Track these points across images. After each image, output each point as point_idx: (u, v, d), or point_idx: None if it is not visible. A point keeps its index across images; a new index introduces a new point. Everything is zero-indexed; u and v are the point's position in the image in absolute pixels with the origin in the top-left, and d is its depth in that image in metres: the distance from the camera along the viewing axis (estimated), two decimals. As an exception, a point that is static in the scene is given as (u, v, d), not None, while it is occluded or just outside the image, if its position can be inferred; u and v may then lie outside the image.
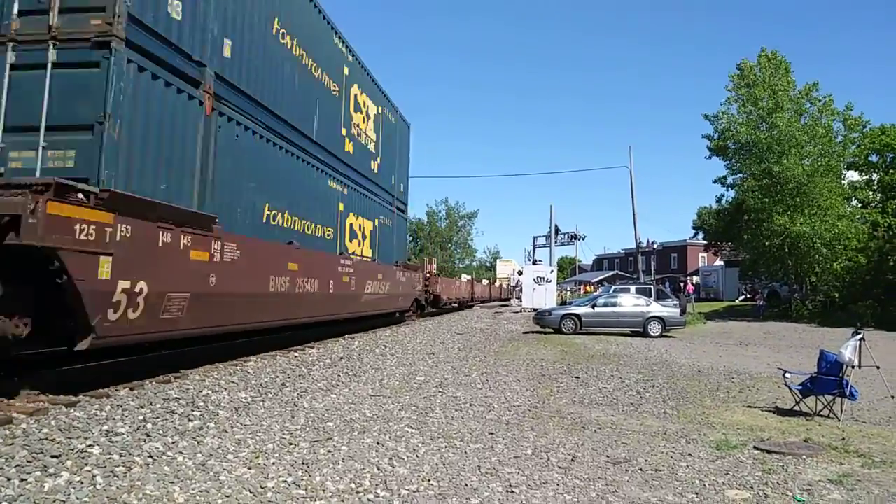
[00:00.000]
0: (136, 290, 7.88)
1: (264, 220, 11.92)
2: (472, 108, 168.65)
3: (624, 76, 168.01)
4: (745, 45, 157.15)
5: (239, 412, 7.73)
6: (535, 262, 47.51)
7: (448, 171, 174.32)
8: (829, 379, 8.74)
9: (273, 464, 5.71)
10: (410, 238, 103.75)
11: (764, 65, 34.58)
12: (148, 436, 6.29)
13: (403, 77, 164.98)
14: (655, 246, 60.89)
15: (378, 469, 5.69)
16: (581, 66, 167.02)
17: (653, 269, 58.36)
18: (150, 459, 5.60)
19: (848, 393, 8.62)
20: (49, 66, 7.89)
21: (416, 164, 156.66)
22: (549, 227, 45.74)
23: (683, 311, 26.28)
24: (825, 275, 34.10)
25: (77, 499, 4.58)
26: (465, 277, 54.33)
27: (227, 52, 10.58)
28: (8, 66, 7.98)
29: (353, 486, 5.21)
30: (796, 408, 8.99)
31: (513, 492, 5.21)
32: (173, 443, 6.18)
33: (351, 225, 17.26)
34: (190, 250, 8.93)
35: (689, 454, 6.58)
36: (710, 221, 53.94)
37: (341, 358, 12.92)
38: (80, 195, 7.00)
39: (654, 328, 22.30)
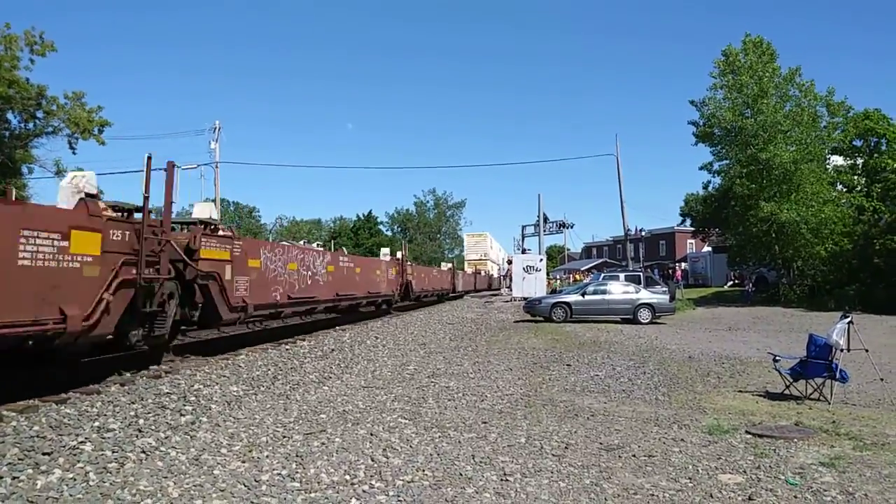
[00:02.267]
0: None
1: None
2: (459, 97, 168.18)
3: (610, 63, 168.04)
4: (731, 30, 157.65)
5: (231, 406, 7.71)
6: (524, 251, 47.51)
7: (435, 162, 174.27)
8: (818, 362, 8.81)
9: (267, 457, 5.69)
10: (399, 229, 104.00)
11: (749, 50, 34.62)
12: (140, 431, 6.25)
13: (390, 67, 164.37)
14: (643, 233, 61.19)
15: (372, 460, 5.68)
16: (566, 54, 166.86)
17: (641, 256, 58.68)
18: (143, 455, 5.57)
19: (838, 376, 8.68)
20: None
21: (401, 157, 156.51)
22: (538, 216, 45.70)
23: (672, 298, 26.39)
24: (812, 259, 34.33)
25: (70, 495, 4.55)
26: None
27: None
28: None
29: (347, 477, 5.20)
30: (787, 391, 9.06)
31: (507, 480, 5.22)
32: (166, 438, 6.15)
33: None
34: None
35: (682, 439, 6.62)
36: (698, 208, 54.13)
37: (333, 350, 12.90)
38: None
39: (644, 315, 22.39)
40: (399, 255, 27.04)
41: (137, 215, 8.88)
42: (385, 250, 31.82)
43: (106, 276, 7.95)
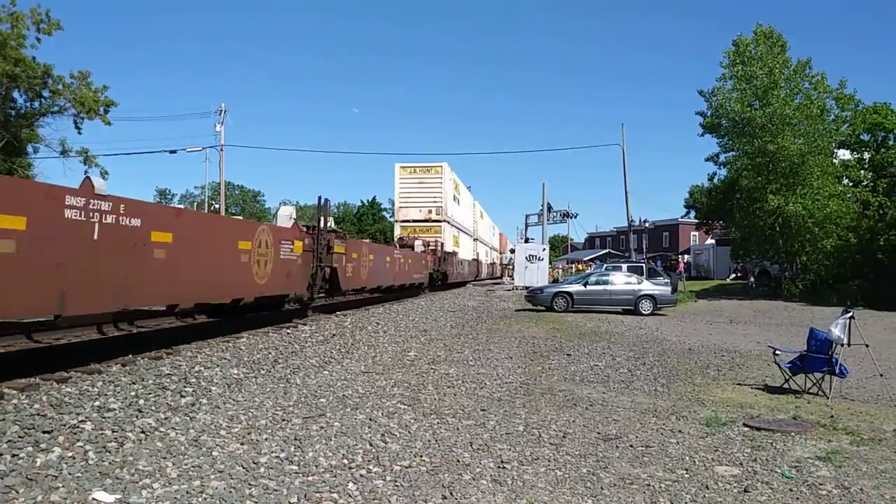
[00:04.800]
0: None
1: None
2: (465, 85, 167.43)
3: (617, 52, 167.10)
4: (742, 19, 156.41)
5: (231, 388, 7.73)
6: (527, 240, 47.51)
7: (440, 149, 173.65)
8: (818, 357, 8.82)
9: (266, 439, 5.72)
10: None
11: (760, 41, 34.33)
12: (140, 412, 6.28)
13: (388, 50, 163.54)
14: (647, 224, 61.01)
15: (370, 445, 5.71)
16: (572, 43, 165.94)
17: (644, 247, 58.51)
18: (142, 435, 5.60)
19: (837, 371, 8.69)
20: None
21: (406, 143, 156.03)
22: (542, 205, 45.69)
23: (674, 290, 26.41)
24: (815, 254, 34.24)
25: (69, 474, 4.57)
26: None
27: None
28: None
29: (345, 461, 5.22)
30: (786, 385, 9.07)
31: (504, 468, 5.24)
32: (166, 418, 6.17)
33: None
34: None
35: (680, 431, 6.64)
36: (702, 200, 54.09)
37: (334, 335, 12.92)
38: None
39: (646, 306, 22.40)
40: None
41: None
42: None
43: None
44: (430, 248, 29.89)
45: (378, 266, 20.19)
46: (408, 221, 32.80)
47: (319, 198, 15.50)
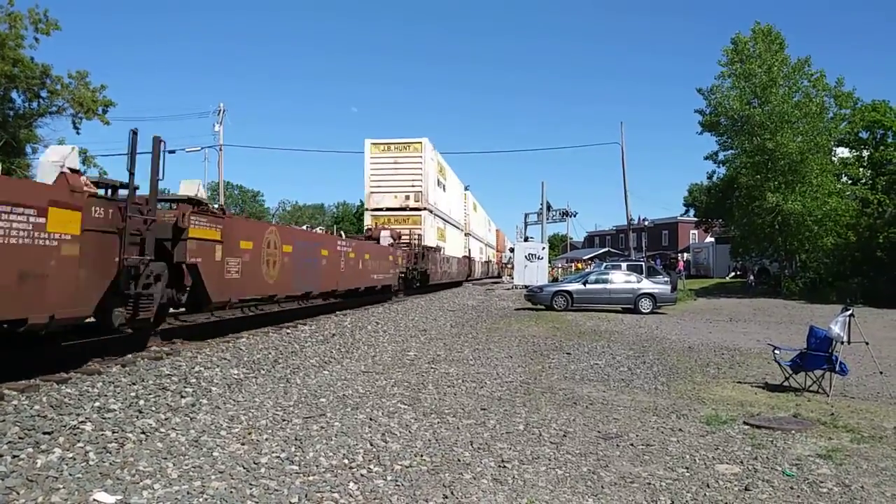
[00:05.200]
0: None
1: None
2: (461, 83, 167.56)
3: (617, 52, 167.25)
4: (741, 19, 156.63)
5: (232, 388, 7.73)
6: (526, 239, 47.53)
7: (439, 147, 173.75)
8: (818, 355, 8.81)
9: (266, 440, 5.71)
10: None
11: (758, 39, 34.34)
12: (140, 412, 6.27)
13: (392, 50, 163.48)
14: (647, 223, 61.13)
15: (371, 445, 5.70)
16: (573, 41, 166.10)
17: (644, 245, 58.56)
18: (142, 436, 5.60)
19: (837, 368, 8.69)
20: None
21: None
22: (541, 204, 45.67)
23: (674, 288, 26.39)
24: (815, 252, 34.27)
25: (70, 475, 4.57)
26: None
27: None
28: None
29: (346, 461, 5.22)
30: (786, 383, 9.06)
31: (505, 467, 5.24)
32: (166, 419, 6.17)
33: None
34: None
35: (680, 429, 6.63)
36: (702, 198, 54.14)
37: (333, 334, 12.91)
38: None
39: (645, 305, 22.38)
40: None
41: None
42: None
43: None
44: (404, 241, 24.93)
45: (302, 263, 13.78)
46: (380, 210, 27.70)
47: (132, 131, 8.26)
